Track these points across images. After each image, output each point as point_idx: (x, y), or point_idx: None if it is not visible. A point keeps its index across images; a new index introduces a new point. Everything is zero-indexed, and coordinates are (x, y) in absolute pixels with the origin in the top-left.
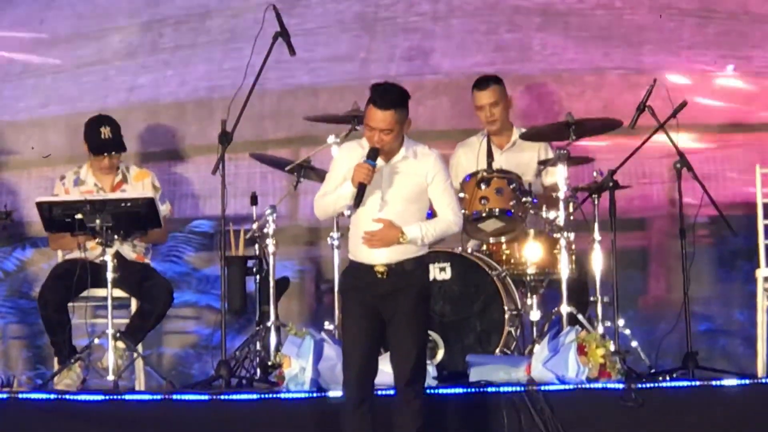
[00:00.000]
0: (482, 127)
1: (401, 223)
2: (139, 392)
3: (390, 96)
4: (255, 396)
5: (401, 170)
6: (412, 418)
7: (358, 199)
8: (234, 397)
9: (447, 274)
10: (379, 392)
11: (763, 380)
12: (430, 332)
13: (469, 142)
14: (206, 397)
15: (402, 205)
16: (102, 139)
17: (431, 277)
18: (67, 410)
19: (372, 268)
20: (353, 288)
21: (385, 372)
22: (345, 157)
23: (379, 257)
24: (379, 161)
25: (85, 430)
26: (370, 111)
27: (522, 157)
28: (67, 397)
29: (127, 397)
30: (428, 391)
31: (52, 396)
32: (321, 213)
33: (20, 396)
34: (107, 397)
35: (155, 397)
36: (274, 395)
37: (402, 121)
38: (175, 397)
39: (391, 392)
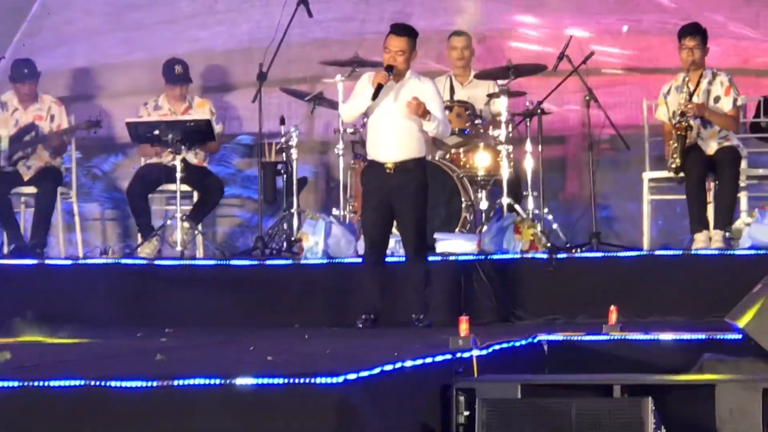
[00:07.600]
0: (448, 70)
1: (405, 132)
2: (200, 258)
3: (405, 27)
4: (282, 262)
5: (407, 88)
6: (419, 278)
7: (376, 94)
8: (267, 262)
9: None
10: (393, 258)
11: (647, 252)
12: None
13: (437, 80)
14: (248, 263)
15: (407, 114)
16: (175, 74)
17: None
18: (148, 272)
19: (383, 165)
20: (369, 182)
21: (396, 249)
22: (364, 83)
23: (388, 156)
24: (391, 81)
25: (161, 287)
26: (388, 38)
27: (477, 92)
28: (148, 262)
29: (191, 262)
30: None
31: (137, 261)
32: (347, 113)
33: (117, 261)
34: (177, 263)
35: (211, 262)
36: (297, 262)
37: (411, 48)
38: (225, 262)
39: (402, 259)
